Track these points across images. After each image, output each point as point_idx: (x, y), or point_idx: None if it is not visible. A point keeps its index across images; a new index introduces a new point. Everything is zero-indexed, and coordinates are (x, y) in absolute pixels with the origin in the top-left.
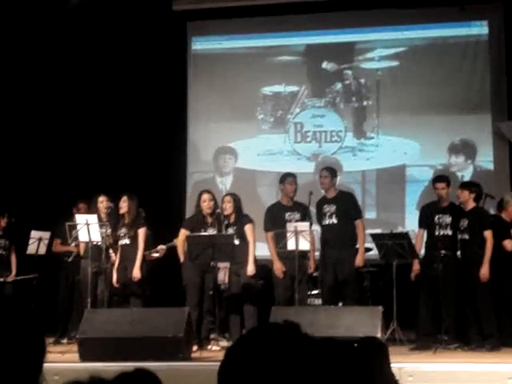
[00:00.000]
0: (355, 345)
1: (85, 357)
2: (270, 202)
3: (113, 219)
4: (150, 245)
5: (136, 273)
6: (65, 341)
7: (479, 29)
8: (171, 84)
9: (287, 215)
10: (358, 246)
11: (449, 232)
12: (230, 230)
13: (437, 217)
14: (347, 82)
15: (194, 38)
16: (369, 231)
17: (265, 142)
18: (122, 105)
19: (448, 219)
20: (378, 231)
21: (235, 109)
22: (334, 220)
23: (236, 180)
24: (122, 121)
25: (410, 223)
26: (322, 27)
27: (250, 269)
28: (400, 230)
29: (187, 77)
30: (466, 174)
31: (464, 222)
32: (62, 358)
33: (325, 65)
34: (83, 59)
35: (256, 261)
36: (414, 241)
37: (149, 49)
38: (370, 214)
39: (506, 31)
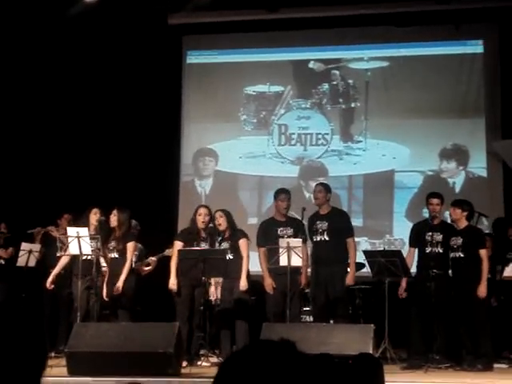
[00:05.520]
0: (350, 361)
1: (73, 371)
2: (251, 206)
3: (103, 232)
4: (143, 258)
5: (118, 286)
6: (52, 354)
7: (475, 47)
8: (164, 92)
9: (279, 230)
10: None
11: (440, 250)
12: (224, 245)
13: (428, 235)
14: (335, 83)
15: (189, 52)
16: (356, 239)
17: (247, 143)
18: (116, 114)
19: (439, 237)
20: (365, 239)
21: (216, 109)
22: (326, 237)
23: (216, 183)
24: (115, 130)
25: (398, 231)
26: (315, 43)
27: (243, 284)
28: (388, 237)
29: (182, 86)
30: (458, 181)
31: (458, 241)
32: (49, 373)
33: (311, 64)
34: (80, 71)
35: (249, 276)
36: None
37: (144, 60)
38: (356, 221)
39: (500, 50)
